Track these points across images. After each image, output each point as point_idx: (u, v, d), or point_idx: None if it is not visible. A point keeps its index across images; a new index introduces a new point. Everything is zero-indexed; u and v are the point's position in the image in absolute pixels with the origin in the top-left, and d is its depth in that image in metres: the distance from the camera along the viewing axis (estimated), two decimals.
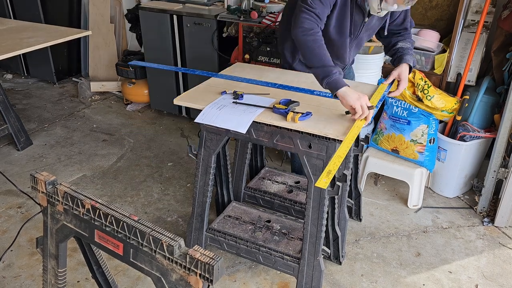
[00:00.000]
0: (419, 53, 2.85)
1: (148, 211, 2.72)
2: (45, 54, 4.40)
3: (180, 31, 3.45)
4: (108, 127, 3.77)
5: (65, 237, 1.40)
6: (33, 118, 3.91)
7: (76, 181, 2.99)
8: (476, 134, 2.65)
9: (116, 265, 2.25)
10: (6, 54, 2.64)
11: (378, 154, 2.85)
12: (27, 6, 4.30)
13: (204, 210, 2.15)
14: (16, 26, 3.28)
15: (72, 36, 3.06)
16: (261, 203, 2.54)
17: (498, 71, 2.76)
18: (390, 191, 2.93)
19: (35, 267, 2.26)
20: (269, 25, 2.99)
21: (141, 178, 3.04)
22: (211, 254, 1.09)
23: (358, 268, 2.29)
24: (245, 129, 1.79)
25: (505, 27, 2.67)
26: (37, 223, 2.53)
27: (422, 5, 3.14)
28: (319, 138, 1.75)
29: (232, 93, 2.03)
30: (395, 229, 2.58)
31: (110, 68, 4.40)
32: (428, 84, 2.65)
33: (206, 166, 2.06)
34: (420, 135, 2.68)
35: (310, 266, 1.97)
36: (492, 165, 2.59)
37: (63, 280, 1.50)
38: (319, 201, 1.86)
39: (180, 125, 3.82)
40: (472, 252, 2.41)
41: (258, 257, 2.10)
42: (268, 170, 2.72)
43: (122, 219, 1.21)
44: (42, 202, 1.40)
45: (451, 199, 2.85)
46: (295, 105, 1.89)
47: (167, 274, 1.16)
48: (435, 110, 2.65)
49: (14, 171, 3.09)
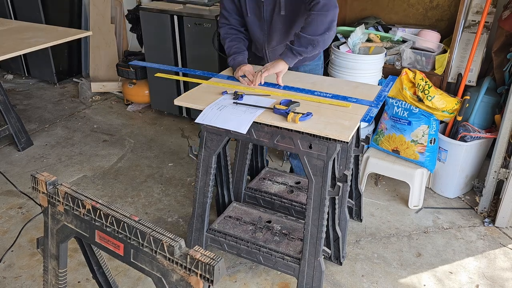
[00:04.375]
0: (419, 54, 2.85)
1: (149, 212, 2.72)
2: (46, 55, 4.41)
3: (181, 31, 3.46)
4: (109, 128, 3.77)
5: (65, 237, 1.40)
6: (33, 118, 3.91)
7: (77, 182, 2.99)
8: (477, 135, 2.64)
9: (117, 266, 2.25)
10: (7, 55, 2.64)
11: (379, 155, 2.85)
12: (28, 7, 4.30)
13: (204, 211, 2.15)
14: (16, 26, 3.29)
15: (73, 37, 3.06)
16: (262, 204, 2.53)
17: (499, 72, 2.76)
18: (391, 191, 2.92)
19: (36, 268, 2.26)
20: None
21: (141, 179, 3.04)
22: (212, 254, 1.09)
23: (358, 268, 2.29)
24: (246, 130, 1.79)
25: (506, 27, 2.67)
26: (38, 224, 2.53)
27: (422, 5, 3.14)
28: (320, 138, 1.75)
29: (232, 93, 2.03)
30: (396, 230, 2.58)
31: (110, 69, 4.40)
32: (429, 85, 2.65)
33: (206, 166, 2.06)
34: (421, 136, 2.68)
35: (311, 267, 1.97)
36: (492, 166, 2.58)
37: (64, 281, 1.50)
38: (320, 202, 1.86)
39: (180, 125, 3.82)
40: (473, 252, 2.41)
41: (258, 257, 2.10)
42: (268, 170, 2.72)
43: (123, 220, 1.21)
44: (42, 202, 1.40)
45: (452, 199, 2.85)
46: (296, 105, 1.89)
47: (167, 275, 1.16)
48: (436, 111, 2.65)
49: (15, 171, 3.10)
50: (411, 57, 2.87)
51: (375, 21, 3.18)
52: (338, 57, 2.77)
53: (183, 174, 3.10)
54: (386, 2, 3.25)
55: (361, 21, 3.20)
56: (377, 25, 3.15)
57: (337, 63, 2.78)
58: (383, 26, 3.15)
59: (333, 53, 2.82)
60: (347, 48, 2.83)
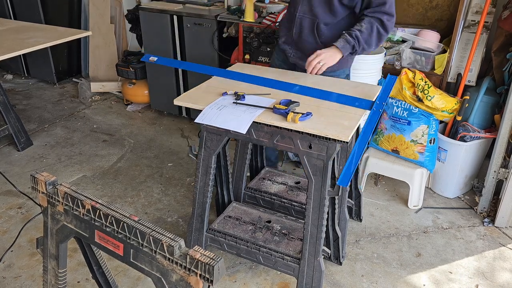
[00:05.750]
0: (419, 54, 2.85)
1: (148, 212, 2.72)
2: (46, 55, 4.41)
3: (180, 31, 3.45)
4: (108, 128, 3.77)
5: (65, 237, 1.40)
6: (33, 118, 3.91)
7: (76, 182, 2.99)
8: (477, 135, 2.65)
9: (116, 266, 2.25)
10: (6, 55, 2.64)
11: (379, 155, 2.85)
12: (28, 7, 4.30)
13: (204, 211, 2.15)
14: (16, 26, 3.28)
15: (72, 37, 3.06)
16: (261, 204, 2.53)
17: (499, 72, 2.76)
18: (391, 191, 2.92)
19: (36, 268, 2.26)
20: (269, 26, 3.00)
21: (141, 179, 3.04)
22: (211, 254, 1.09)
23: (358, 268, 2.29)
24: (245, 130, 1.79)
25: (506, 27, 2.67)
26: (38, 224, 2.53)
27: (422, 5, 3.14)
28: (320, 138, 1.75)
29: (233, 93, 2.02)
30: (396, 230, 2.58)
31: (110, 69, 4.40)
32: (429, 85, 2.65)
33: (206, 166, 2.06)
34: (421, 136, 2.68)
35: (311, 267, 1.97)
36: (492, 166, 2.59)
37: (63, 281, 1.50)
38: (320, 202, 1.86)
39: (180, 125, 3.82)
40: (472, 252, 2.41)
41: (258, 257, 2.10)
42: (268, 170, 2.72)
43: (123, 220, 1.21)
44: (42, 202, 1.40)
45: (452, 199, 2.85)
46: (296, 105, 1.89)
47: (167, 275, 1.16)
48: (436, 111, 2.65)
49: (15, 171, 3.10)
50: (411, 57, 2.87)
51: None
52: None
53: (183, 174, 3.10)
54: None
55: None
56: None
57: None
58: None
59: None
60: None
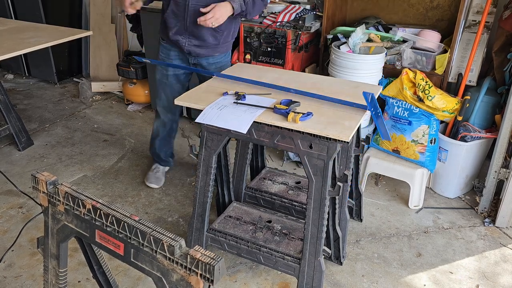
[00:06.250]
0: (420, 54, 2.85)
1: (149, 211, 2.72)
2: (46, 55, 4.41)
3: None
4: (109, 127, 3.77)
5: (66, 237, 1.40)
6: (34, 118, 3.91)
7: (77, 181, 2.99)
8: (477, 135, 2.64)
9: (117, 265, 2.25)
10: (7, 54, 2.64)
11: (379, 155, 2.85)
12: (28, 7, 4.30)
13: (205, 210, 2.15)
14: (17, 26, 3.28)
15: (73, 36, 3.06)
16: (262, 203, 2.53)
17: (499, 72, 2.76)
18: (391, 191, 2.92)
19: (36, 267, 2.26)
20: (270, 25, 3.00)
21: (142, 178, 3.04)
22: (212, 254, 1.09)
23: (359, 268, 2.29)
24: (246, 129, 1.79)
25: (506, 27, 2.67)
26: (38, 223, 2.53)
27: (423, 5, 3.14)
28: (320, 138, 1.75)
29: (234, 93, 2.02)
30: (396, 230, 2.58)
31: (111, 68, 4.40)
32: (429, 85, 2.65)
33: (207, 166, 2.06)
34: (421, 136, 2.68)
35: (311, 267, 1.97)
36: (493, 166, 2.58)
37: (64, 280, 1.50)
38: (320, 202, 1.86)
39: (180, 125, 3.82)
40: (473, 252, 2.41)
41: (259, 257, 2.10)
42: (268, 170, 2.72)
43: (123, 219, 1.21)
44: (43, 202, 1.40)
45: (452, 199, 2.84)
46: (296, 105, 1.89)
47: (167, 274, 1.16)
48: (436, 111, 2.65)
49: (15, 171, 3.10)
50: (412, 57, 2.87)
51: (375, 21, 3.18)
52: (338, 57, 2.77)
53: (183, 174, 3.10)
54: (386, 2, 3.25)
55: (361, 21, 3.20)
56: (377, 25, 3.15)
57: (338, 63, 2.78)
58: (384, 26, 3.15)
59: (334, 53, 2.82)
60: (347, 48, 2.83)
